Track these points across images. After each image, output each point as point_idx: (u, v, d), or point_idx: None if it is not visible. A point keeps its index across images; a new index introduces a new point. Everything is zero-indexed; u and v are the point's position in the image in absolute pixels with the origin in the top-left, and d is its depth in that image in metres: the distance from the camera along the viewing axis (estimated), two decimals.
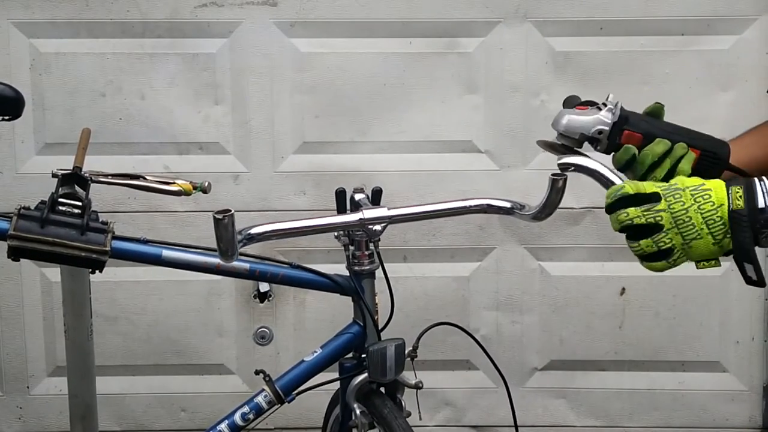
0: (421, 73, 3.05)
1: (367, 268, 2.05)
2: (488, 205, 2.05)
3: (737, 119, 3.08)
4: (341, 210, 2.06)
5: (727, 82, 3.06)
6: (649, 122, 1.61)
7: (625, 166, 1.60)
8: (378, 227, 1.97)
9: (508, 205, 2.03)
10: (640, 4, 3.02)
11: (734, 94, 3.06)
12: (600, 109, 1.61)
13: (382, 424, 2.01)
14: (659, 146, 1.57)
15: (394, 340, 2.01)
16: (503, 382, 2.21)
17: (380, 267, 2.07)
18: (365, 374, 2.05)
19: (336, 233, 2.05)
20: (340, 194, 2.06)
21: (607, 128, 1.58)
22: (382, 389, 2.09)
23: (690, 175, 1.54)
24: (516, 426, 2.23)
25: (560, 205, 3.01)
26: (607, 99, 1.63)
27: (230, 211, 1.72)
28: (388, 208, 1.96)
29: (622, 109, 1.60)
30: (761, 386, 3.22)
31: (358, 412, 2.04)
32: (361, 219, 1.94)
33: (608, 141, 1.59)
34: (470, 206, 2.05)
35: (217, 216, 1.71)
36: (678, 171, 1.57)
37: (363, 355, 2.07)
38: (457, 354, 3.17)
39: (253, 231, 1.84)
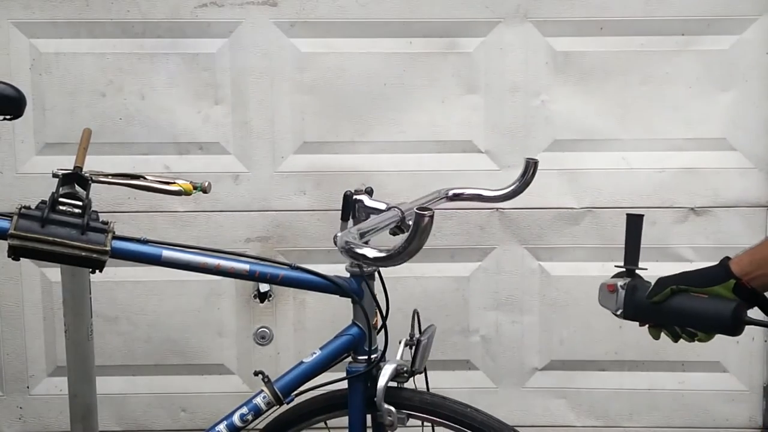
0: (421, 73, 3.05)
1: (368, 269, 2.05)
2: (478, 195, 2.31)
3: (737, 119, 3.08)
4: (347, 213, 2.06)
5: (727, 82, 3.06)
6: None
7: None
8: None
9: (489, 193, 2.29)
10: (640, 4, 3.02)
11: (734, 94, 3.06)
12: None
13: (427, 410, 2.01)
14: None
15: (430, 327, 2.07)
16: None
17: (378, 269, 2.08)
18: (388, 372, 2.01)
19: (335, 235, 2.05)
20: (349, 198, 2.06)
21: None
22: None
23: None
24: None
25: (560, 205, 3.02)
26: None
27: (431, 209, 1.61)
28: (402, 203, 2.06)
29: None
30: (761, 386, 3.22)
31: (393, 409, 2.02)
32: (401, 216, 2.00)
33: None
34: (466, 194, 2.29)
35: (422, 212, 1.60)
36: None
37: (370, 357, 2.06)
38: (457, 354, 3.17)
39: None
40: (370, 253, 1.69)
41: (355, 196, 2.06)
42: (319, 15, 3.02)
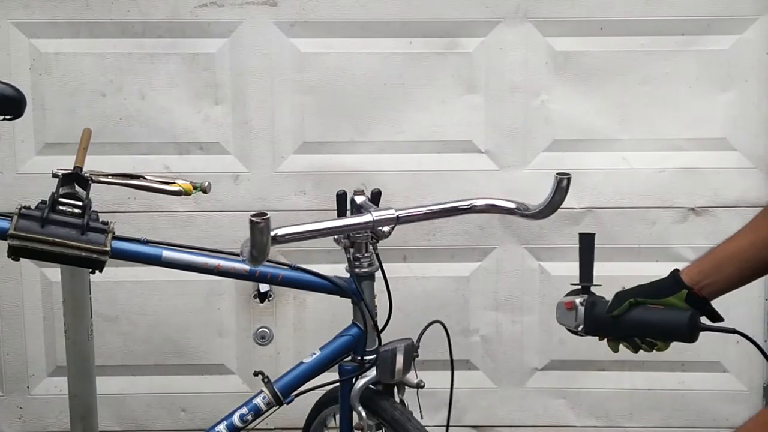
0: (421, 73, 3.05)
1: (367, 270, 2.05)
2: (492, 205, 2.06)
3: (737, 119, 3.08)
4: (341, 212, 2.06)
5: (727, 82, 3.06)
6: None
7: None
8: (386, 228, 1.97)
9: (512, 205, 2.05)
10: (640, 4, 3.02)
11: (734, 94, 3.06)
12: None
13: (394, 426, 2.01)
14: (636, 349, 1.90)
15: (403, 341, 2.02)
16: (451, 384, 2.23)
17: (380, 269, 2.07)
18: (369, 376, 2.04)
19: (335, 236, 2.05)
20: (341, 197, 2.06)
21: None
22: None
23: None
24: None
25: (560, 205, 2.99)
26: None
27: (266, 215, 1.69)
28: (396, 209, 1.97)
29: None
30: (761, 386, 3.22)
31: (363, 414, 2.03)
32: (372, 221, 1.95)
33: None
34: (476, 206, 2.06)
35: (255, 219, 1.68)
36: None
37: (364, 357, 2.07)
38: (457, 354, 3.15)
39: (278, 233, 1.83)
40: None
41: (354, 197, 2.06)
42: (319, 15, 3.02)
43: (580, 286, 1.97)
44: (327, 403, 2.22)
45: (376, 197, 2.07)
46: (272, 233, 1.81)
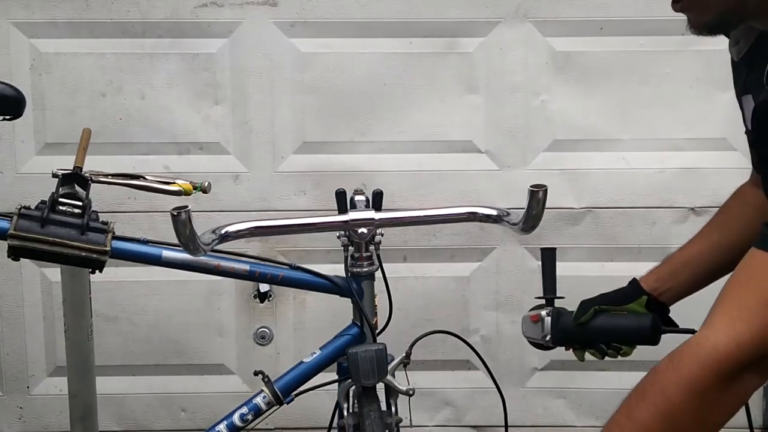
0: (421, 73, 3.05)
1: (365, 270, 2.04)
2: (473, 213, 2.03)
3: (737, 119, 3.07)
4: (342, 210, 2.06)
5: (727, 82, 3.03)
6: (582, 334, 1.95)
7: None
8: (364, 230, 1.95)
9: (494, 212, 2.01)
10: (640, 4, 3.01)
11: (734, 95, 3.06)
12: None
13: (361, 427, 2.01)
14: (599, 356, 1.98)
15: (374, 345, 2.00)
16: (497, 388, 2.21)
17: (379, 269, 2.07)
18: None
19: (338, 234, 2.05)
20: (341, 195, 2.06)
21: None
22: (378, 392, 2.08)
23: None
24: (506, 427, 2.23)
25: (560, 205, 3.01)
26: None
27: (186, 206, 1.75)
28: (377, 212, 1.96)
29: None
30: (761, 386, 3.21)
31: (345, 412, 2.03)
32: (347, 221, 1.94)
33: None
34: (457, 214, 2.03)
35: (174, 212, 1.74)
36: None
37: None
38: (457, 354, 3.16)
39: (228, 229, 1.85)
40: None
41: (355, 197, 2.06)
42: (319, 15, 3.02)
43: (544, 300, 2.02)
44: None
45: (377, 198, 2.06)
46: (223, 230, 1.84)
